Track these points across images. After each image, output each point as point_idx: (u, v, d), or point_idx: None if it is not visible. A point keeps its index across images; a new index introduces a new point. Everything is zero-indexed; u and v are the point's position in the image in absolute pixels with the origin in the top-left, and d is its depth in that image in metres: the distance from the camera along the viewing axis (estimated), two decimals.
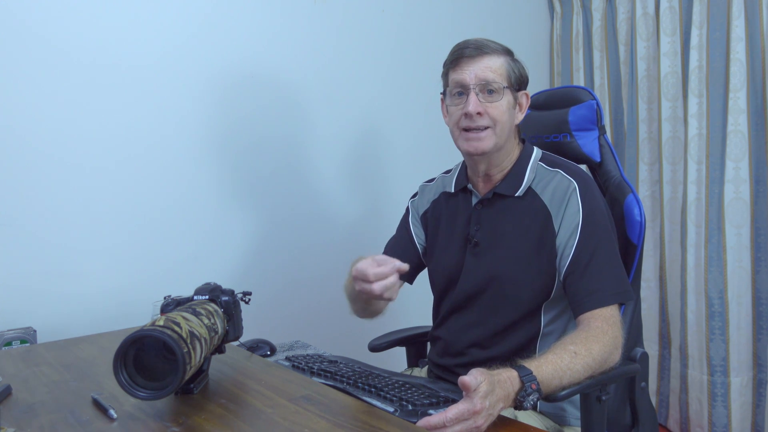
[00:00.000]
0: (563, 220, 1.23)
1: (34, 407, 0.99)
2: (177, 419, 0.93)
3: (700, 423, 2.26)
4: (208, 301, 1.14)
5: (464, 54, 1.26)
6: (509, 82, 1.27)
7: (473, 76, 1.24)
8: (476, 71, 1.24)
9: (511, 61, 1.29)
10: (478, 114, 1.24)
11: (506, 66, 1.27)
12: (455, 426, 0.88)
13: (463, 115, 1.25)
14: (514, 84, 1.28)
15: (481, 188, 1.35)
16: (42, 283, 1.61)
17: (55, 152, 1.63)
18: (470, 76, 1.25)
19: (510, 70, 1.27)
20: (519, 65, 1.31)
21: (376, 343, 1.54)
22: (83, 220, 1.67)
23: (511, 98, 1.27)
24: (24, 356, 1.29)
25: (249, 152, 1.96)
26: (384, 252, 1.53)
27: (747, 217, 2.15)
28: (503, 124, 1.26)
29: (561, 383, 1.03)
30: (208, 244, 1.88)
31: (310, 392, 1.04)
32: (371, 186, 2.27)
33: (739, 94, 2.12)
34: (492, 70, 1.25)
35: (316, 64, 2.09)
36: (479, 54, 1.25)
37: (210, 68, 1.87)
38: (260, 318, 1.67)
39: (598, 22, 2.61)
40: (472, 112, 1.23)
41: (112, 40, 1.70)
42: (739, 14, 2.10)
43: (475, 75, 1.24)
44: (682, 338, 2.32)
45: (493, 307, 1.28)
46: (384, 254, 1.51)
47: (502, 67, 1.26)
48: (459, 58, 1.27)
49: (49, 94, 1.62)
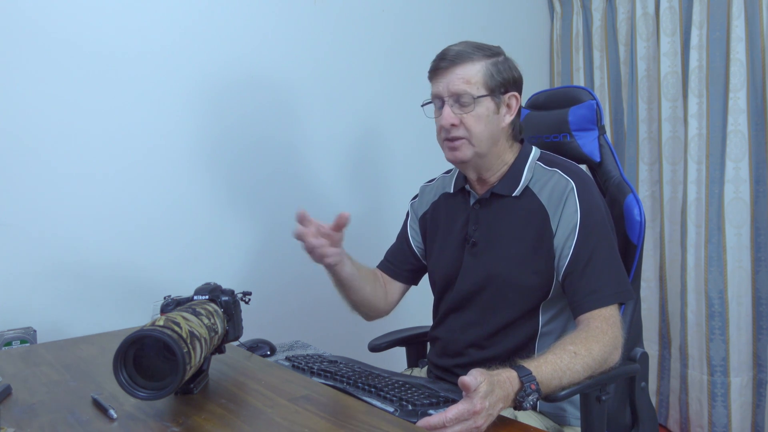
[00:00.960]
0: (561, 220, 1.23)
1: (34, 407, 0.99)
2: (177, 419, 0.93)
3: (700, 423, 2.26)
4: (208, 301, 1.14)
5: (439, 66, 1.27)
6: (487, 87, 1.25)
7: (446, 89, 1.25)
8: (448, 83, 1.25)
9: (491, 65, 1.26)
10: (453, 125, 1.25)
11: (483, 72, 1.25)
12: (455, 426, 0.88)
13: (441, 127, 1.27)
14: (497, 88, 1.26)
15: (479, 189, 1.35)
16: (42, 283, 1.61)
17: (55, 153, 1.63)
18: (443, 89, 1.26)
19: (488, 76, 1.25)
20: (505, 66, 1.28)
21: (376, 343, 1.55)
22: (83, 220, 1.67)
23: (490, 104, 1.26)
24: (24, 356, 1.29)
25: (248, 152, 1.96)
26: (384, 257, 1.55)
27: (747, 217, 2.15)
28: (479, 133, 1.25)
29: (561, 383, 1.03)
30: (208, 245, 1.88)
31: (310, 392, 1.04)
32: (371, 186, 2.27)
33: (739, 94, 2.12)
34: (465, 80, 1.24)
35: (314, 64, 2.09)
36: (452, 65, 1.25)
37: (209, 69, 1.87)
38: (260, 318, 1.67)
39: (598, 22, 2.61)
40: (445, 124, 1.25)
41: (109, 40, 1.70)
42: (739, 14, 2.10)
43: (447, 87, 1.25)
44: (682, 338, 2.32)
45: (491, 307, 1.28)
46: (384, 259, 1.53)
47: (479, 74, 1.25)
48: (435, 70, 1.28)
49: (47, 95, 1.62)
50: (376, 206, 2.25)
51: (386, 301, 1.48)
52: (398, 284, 1.51)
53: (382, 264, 1.53)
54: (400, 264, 1.51)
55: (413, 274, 1.51)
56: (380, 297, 1.46)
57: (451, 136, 1.26)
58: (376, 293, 1.44)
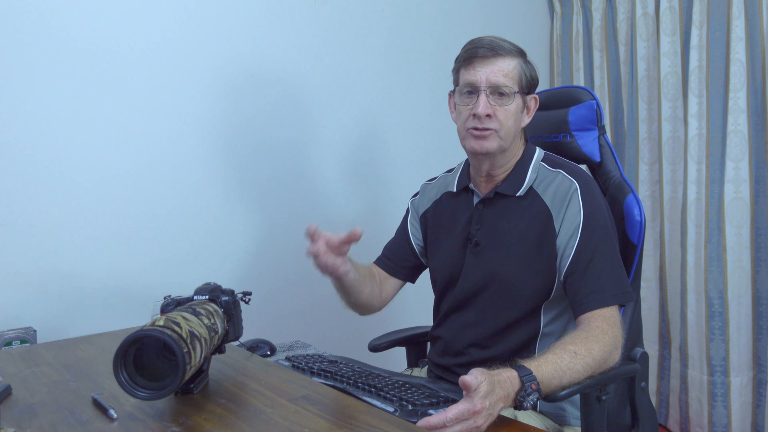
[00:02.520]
0: (564, 220, 1.23)
1: (34, 407, 0.99)
2: (177, 419, 0.93)
3: (700, 423, 2.26)
4: (208, 301, 1.14)
5: (478, 54, 1.24)
6: (520, 86, 1.26)
7: (485, 79, 1.23)
8: (488, 74, 1.23)
9: (523, 64, 1.28)
10: (487, 116, 1.23)
11: (519, 69, 1.26)
12: (455, 426, 0.88)
13: (472, 116, 1.25)
14: (525, 87, 1.28)
15: (483, 188, 1.35)
16: (42, 283, 1.61)
17: (56, 154, 1.63)
18: (482, 78, 1.23)
19: (522, 74, 1.26)
20: (531, 67, 1.30)
21: (376, 343, 1.55)
22: (83, 220, 1.67)
23: (520, 102, 1.27)
24: (24, 356, 1.29)
25: (249, 153, 1.96)
26: (382, 253, 1.54)
27: (747, 217, 2.15)
28: (509, 128, 1.25)
29: (561, 383, 1.03)
30: (208, 244, 1.88)
31: (310, 392, 1.04)
32: (372, 186, 2.27)
33: (739, 94, 2.12)
34: (504, 73, 1.24)
35: (316, 64, 2.09)
36: (493, 55, 1.24)
37: (209, 69, 1.87)
38: (260, 318, 1.67)
39: (598, 22, 2.61)
40: (482, 113, 1.23)
41: (115, 41, 1.70)
42: (739, 14, 2.10)
43: (487, 78, 1.23)
44: (682, 338, 2.32)
45: (493, 307, 1.28)
46: (383, 255, 1.52)
47: (515, 70, 1.25)
48: (472, 58, 1.25)
49: (49, 95, 1.62)
50: (376, 205, 2.25)
51: (381, 299, 1.47)
52: (394, 281, 1.50)
53: (381, 261, 1.52)
54: (398, 261, 1.50)
55: (411, 271, 1.51)
56: (376, 296, 1.45)
57: (483, 126, 1.24)
58: (372, 294, 1.43)
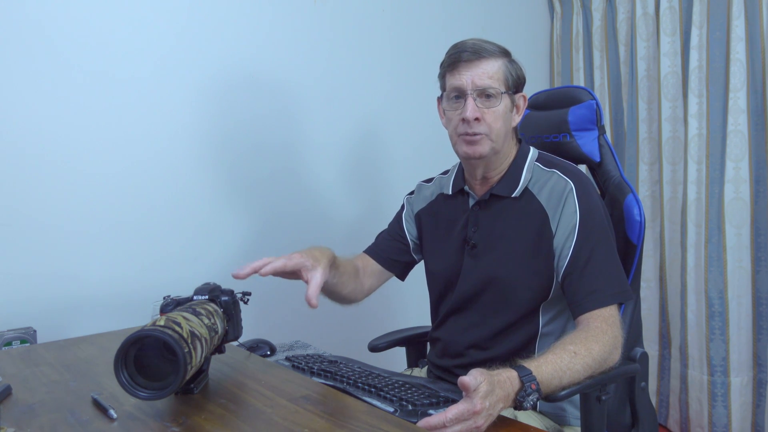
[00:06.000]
0: (560, 220, 1.22)
1: (34, 407, 0.99)
2: (177, 419, 0.93)
3: (700, 423, 2.26)
4: (207, 301, 1.14)
5: (462, 58, 1.24)
6: (507, 86, 1.25)
7: (470, 82, 1.23)
8: (473, 77, 1.23)
9: (508, 63, 1.27)
10: (476, 120, 1.23)
11: (504, 69, 1.25)
12: (455, 426, 0.88)
13: (461, 120, 1.24)
14: (512, 87, 1.27)
15: (478, 190, 1.35)
16: (42, 283, 1.61)
17: (55, 154, 1.63)
18: (467, 82, 1.23)
19: (507, 74, 1.26)
20: (516, 66, 1.29)
21: (376, 343, 1.54)
22: (83, 220, 1.67)
23: (508, 102, 1.26)
24: (24, 356, 1.29)
25: (248, 153, 1.96)
26: (374, 243, 1.51)
27: (747, 217, 2.15)
28: (498, 130, 1.25)
29: (561, 383, 1.03)
30: (208, 244, 1.88)
31: (310, 392, 1.04)
32: (370, 187, 2.27)
33: (739, 94, 2.12)
34: (489, 75, 1.23)
35: (315, 65, 2.09)
36: (477, 58, 1.23)
37: (209, 70, 1.87)
38: (260, 318, 1.68)
39: (598, 22, 2.62)
40: (470, 117, 1.22)
41: (111, 41, 1.71)
42: (739, 14, 2.10)
43: (473, 81, 1.23)
44: (682, 338, 2.32)
45: (492, 309, 1.28)
46: (374, 244, 1.50)
47: (500, 71, 1.24)
48: (456, 62, 1.24)
49: (48, 96, 1.62)
50: (376, 206, 2.25)
51: (363, 293, 1.45)
52: (382, 272, 1.47)
53: (372, 251, 1.48)
54: (391, 253, 1.47)
55: (402, 266, 1.49)
56: (357, 292, 1.43)
57: (472, 131, 1.23)
58: (354, 291, 1.41)
